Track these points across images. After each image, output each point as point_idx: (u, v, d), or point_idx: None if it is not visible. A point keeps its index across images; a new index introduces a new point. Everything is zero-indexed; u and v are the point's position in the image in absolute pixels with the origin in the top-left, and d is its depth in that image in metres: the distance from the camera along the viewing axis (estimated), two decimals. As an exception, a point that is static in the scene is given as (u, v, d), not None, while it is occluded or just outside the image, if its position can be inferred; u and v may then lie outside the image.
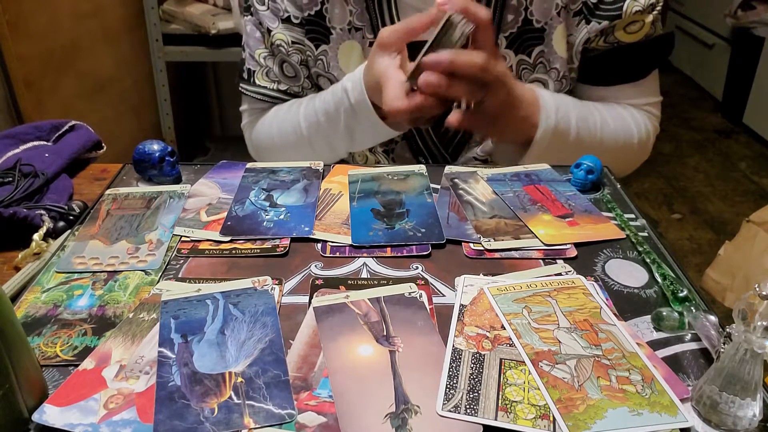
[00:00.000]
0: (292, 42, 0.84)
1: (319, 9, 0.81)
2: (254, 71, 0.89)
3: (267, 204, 0.65)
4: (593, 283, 0.54)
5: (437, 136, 0.86)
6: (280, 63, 0.87)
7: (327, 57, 0.83)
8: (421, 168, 0.73)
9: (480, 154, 0.85)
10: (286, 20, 0.83)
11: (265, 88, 0.89)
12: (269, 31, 0.85)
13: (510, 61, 0.80)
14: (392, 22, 0.79)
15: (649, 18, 0.77)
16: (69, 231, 0.63)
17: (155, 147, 0.69)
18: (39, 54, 1.49)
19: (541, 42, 0.80)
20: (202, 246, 0.59)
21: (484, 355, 0.46)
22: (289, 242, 0.59)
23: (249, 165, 0.74)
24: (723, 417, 0.41)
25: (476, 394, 0.42)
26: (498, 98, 0.70)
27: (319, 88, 0.88)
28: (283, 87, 0.88)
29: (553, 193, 0.68)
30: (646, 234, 0.61)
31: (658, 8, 0.77)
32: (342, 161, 0.91)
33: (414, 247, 0.59)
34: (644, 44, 0.80)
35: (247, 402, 0.42)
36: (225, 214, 0.64)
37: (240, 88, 0.91)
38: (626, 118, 0.84)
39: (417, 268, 0.56)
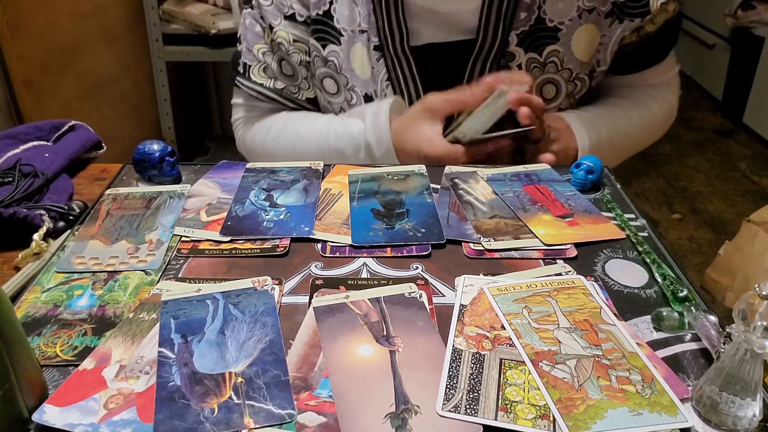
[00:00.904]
0: (294, 40, 0.84)
1: (327, 9, 0.81)
2: (250, 66, 0.88)
3: (267, 204, 0.65)
4: (593, 283, 0.54)
5: None
6: (279, 61, 0.86)
7: (339, 59, 0.83)
8: (421, 168, 0.73)
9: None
10: (290, 17, 0.83)
11: (261, 85, 0.88)
12: (271, 27, 0.84)
13: (519, 59, 0.80)
14: (399, 26, 0.79)
15: (672, 6, 0.80)
16: (69, 231, 0.63)
17: (155, 147, 0.69)
18: (39, 54, 1.49)
19: (554, 41, 0.79)
20: (202, 246, 0.59)
21: (484, 355, 0.46)
22: (289, 242, 0.59)
23: (249, 165, 0.74)
24: (723, 417, 0.41)
25: (476, 394, 0.42)
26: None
27: (320, 90, 0.88)
28: (279, 85, 0.88)
29: (553, 193, 0.68)
30: (646, 234, 0.61)
31: None
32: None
33: (414, 247, 0.59)
34: (667, 29, 0.83)
35: (247, 402, 0.42)
36: (225, 214, 0.64)
37: (236, 82, 0.89)
38: (646, 102, 0.90)
39: (417, 268, 0.56)
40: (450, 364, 0.45)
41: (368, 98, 0.84)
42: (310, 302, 0.52)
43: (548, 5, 0.78)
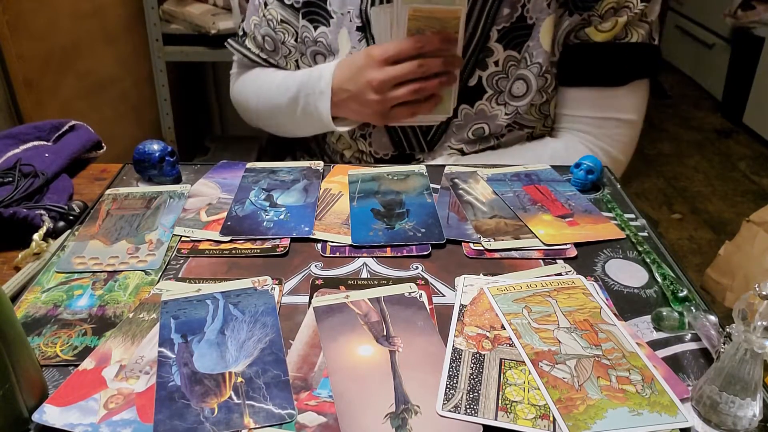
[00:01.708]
0: (281, 20, 0.87)
1: None
2: (247, 33, 0.93)
3: (267, 204, 0.65)
4: (593, 283, 0.54)
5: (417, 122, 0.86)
6: (263, 36, 0.91)
7: (327, 39, 0.85)
8: (421, 168, 0.73)
9: (455, 143, 0.84)
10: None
11: (249, 50, 0.93)
12: (265, 3, 0.88)
13: (497, 56, 0.79)
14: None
15: (622, 19, 0.76)
16: (69, 231, 0.63)
17: (155, 147, 0.69)
18: (39, 54, 1.49)
19: (528, 37, 0.79)
20: (202, 246, 0.59)
21: (484, 355, 0.46)
22: (289, 242, 0.59)
23: (249, 165, 0.74)
24: (723, 417, 0.41)
25: (476, 394, 0.42)
26: None
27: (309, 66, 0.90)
28: (263, 56, 0.92)
29: (553, 193, 0.68)
30: (646, 234, 0.61)
31: (634, 12, 0.76)
32: (335, 159, 0.92)
33: (414, 247, 0.59)
34: (616, 48, 0.78)
35: (247, 402, 0.42)
36: (225, 214, 0.64)
37: (226, 43, 0.96)
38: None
39: (417, 268, 0.56)
40: (450, 364, 0.45)
41: None
42: (310, 302, 0.52)
43: (532, 2, 0.77)
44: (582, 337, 0.47)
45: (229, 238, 0.60)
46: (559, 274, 0.55)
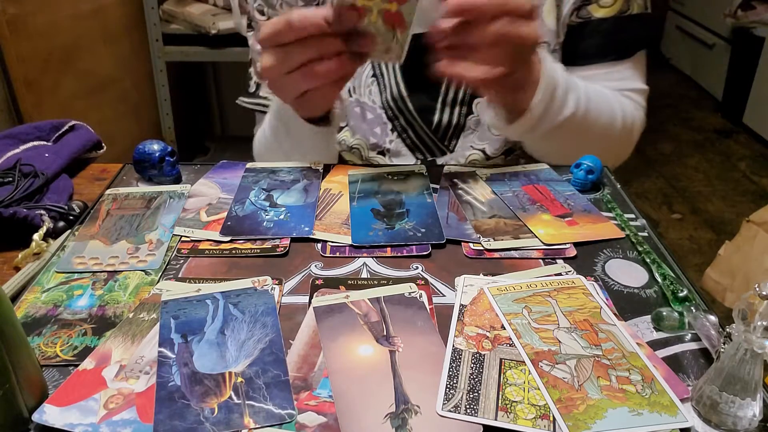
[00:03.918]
0: None
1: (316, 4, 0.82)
2: (259, 84, 0.89)
3: (267, 204, 0.65)
4: (593, 283, 0.54)
5: (427, 126, 0.84)
6: None
7: None
8: (421, 168, 0.73)
9: (477, 142, 0.84)
10: None
11: (266, 98, 0.88)
12: None
13: None
14: None
15: None
16: (69, 231, 0.63)
17: (155, 147, 0.69)
18: (39, 54, 1.49)
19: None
20: (202, 246, 0.59)
21: (484, 355, 0.46)
22: (289, 242, 0.59)
23: (249, 165, 0.74)
24: (723, 417, 0.41)
25: (476, 394, 0.42)
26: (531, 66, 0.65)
27: None
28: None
29: (552, 192, 0.68)
30: (646, 234, 0.61)
31: None
32: (342, 162, 0.92)
33: (414, 247, 0.59)
34: (620, 21, 0.78)
35: (247, 402, 0.42)
36: (225, 214, 0.64)
37: (240, 102, 0.90)
38: (609, 96, 0.79)
39: (417, 268, 0.56)
40: (450, 364, 0.45)
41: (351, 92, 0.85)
42: (310, 302, 0.52)
43: None
44: (582, 337, 0.47)
45: (229, 238, 0.60)
46: (559, 274, 0.55)
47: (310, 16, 0.59)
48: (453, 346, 0.46)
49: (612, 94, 0.81)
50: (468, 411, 0.41)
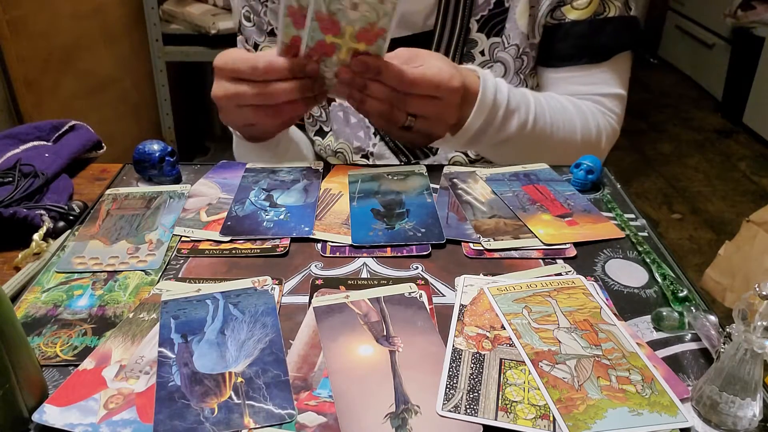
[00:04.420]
0: None
1: None
2: None
3: (267, 204, 0.65)
4: (593, 283, 0.54)
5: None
6: None
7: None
8: (421, 168, 0.73)
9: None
10: (271, 33, 0.86)
11: None
12: (256, 46, 0.87)
13: (482, 45, 0.78)
14: None
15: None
16: (69, 231, 0.63)
17: (155, 147, 0.69)
18: (39, 54, 1.50)
19: (505, 20, 0.78)
20: (202, 246, 0.59)
21: (484, 355, 0.46)
22: (289, 242, 0.59)
23: (249, 165, 0.74)
24: (723, 417, 0.41)
25: (476, 394, 0.42)
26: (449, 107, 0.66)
27: None
28: None
29: (552, 192, 0.68)
30: (646, 234, 0.61)
31: None
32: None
33: (414, 247, 0.59)
34: (594, 24, 0.77)
35: (247, 402, 0.42)
36: (225, 214, 0.64)
37: None
38: (570, 110, 0.78)
39: (417, 268, 0.56)
40: (450, 364, 0.45)
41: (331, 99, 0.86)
42: (310, 302, 0.52)
43: None
44: (582, 337, 0.47)
45: (229, 238, 0.60)
46: (559, 274, 0.55)
47: (277, 65, 0.62)
48: (453, 346, 0.46)
49: (575, 107, 0.79)
50: (468, 411, 0.41)
